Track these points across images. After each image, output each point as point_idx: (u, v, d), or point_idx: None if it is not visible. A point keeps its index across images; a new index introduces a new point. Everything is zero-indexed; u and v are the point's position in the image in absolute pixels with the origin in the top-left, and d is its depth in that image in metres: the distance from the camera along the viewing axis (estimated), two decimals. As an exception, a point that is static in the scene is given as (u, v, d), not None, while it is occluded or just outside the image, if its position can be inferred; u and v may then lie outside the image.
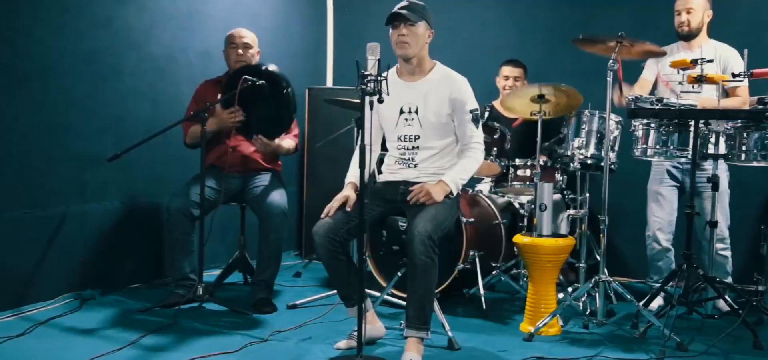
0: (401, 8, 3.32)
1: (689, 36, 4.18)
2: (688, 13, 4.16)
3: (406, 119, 3.42)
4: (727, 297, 3.67)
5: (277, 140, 4.11)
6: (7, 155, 3.73)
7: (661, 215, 4.25)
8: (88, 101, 4.14)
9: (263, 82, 3.84)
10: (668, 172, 4.23)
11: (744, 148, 3.62)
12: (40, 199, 3.91)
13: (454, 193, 3.34)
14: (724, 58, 4.13)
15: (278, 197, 4.07)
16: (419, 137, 3.41)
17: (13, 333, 3.35)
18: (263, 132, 4.01)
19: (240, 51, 4.17)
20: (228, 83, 4.01)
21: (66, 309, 3.80)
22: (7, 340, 3.26)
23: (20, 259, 3.83)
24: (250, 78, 3.82)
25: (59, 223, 4.00)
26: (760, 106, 3.50)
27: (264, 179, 4.18)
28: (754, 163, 3.65)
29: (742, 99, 4.10)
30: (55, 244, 3.98)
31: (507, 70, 4.80)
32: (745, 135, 3.61)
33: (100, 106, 4.22)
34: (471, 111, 3.39)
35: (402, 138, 3.44)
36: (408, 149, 3.43)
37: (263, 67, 3.95)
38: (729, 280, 4.15)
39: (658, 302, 3.96)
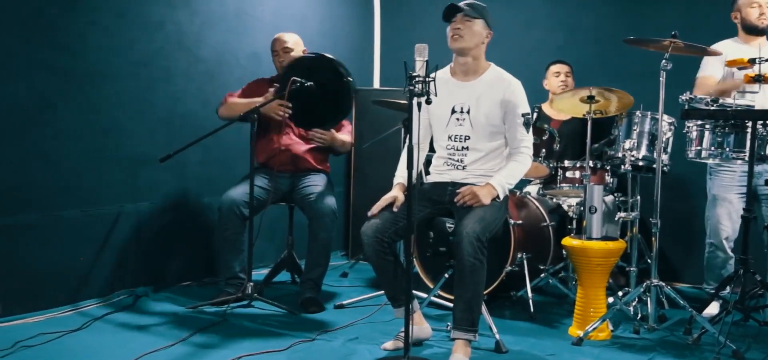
0: (461, 3, 3.32)
1: (765, 31, 4.01)
2: None
3: (458, 119, 3.40)
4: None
5: (332, 131, 4.11)
6: (63, 156, 3.83)
7: (729, 224, 4.03)
8: (141, 103, 4.23)
9: (311, 83, 3.86)
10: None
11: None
12: (94, 198, 4.00)
13: (501, 197, 3.31)
14: None
15: (329, 197, 4.09)
16: (470, 138, 3.39)
17: (71, 328, 3.44)
18: (322, 121, 4.03)
19: (281, 58, 4.20)
20: (283, 78, 3.97)
21: (120, 305, 3.89)
22: (65, 335, 3.35)
23: (77, 256, 3.92)
24: (298, 80, 3.84)
25: (114, 221, 4.10)
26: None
27: (314, 180, 4.20)
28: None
29: None
30: (109, 242, 4.07)
31: (557, 68, 4.79)
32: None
33: (152, 107, 4.30)
34: (523, 115, 3.36)
35: (452, 138, 3.42)
36: (457, 150, 3.41)
37: (320, 55, 3.95)
38: None
39: (713, 308, 3.86)
